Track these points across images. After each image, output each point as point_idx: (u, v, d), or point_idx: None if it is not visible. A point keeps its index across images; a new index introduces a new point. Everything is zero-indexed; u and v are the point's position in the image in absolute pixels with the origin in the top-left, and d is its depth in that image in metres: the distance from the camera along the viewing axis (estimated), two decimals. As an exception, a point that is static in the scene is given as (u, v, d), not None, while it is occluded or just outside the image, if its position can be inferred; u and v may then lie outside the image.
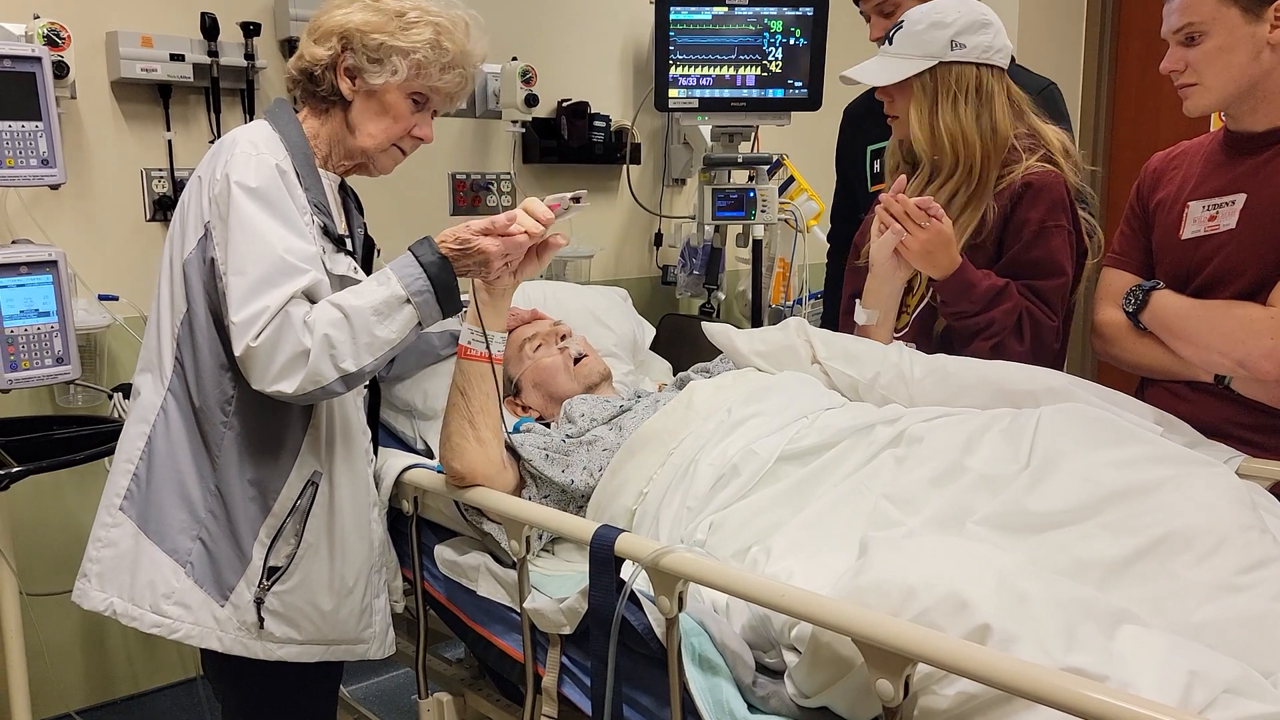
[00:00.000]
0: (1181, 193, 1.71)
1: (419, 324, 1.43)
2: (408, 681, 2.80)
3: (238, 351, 1.36)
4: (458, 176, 2.95)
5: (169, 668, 2.56)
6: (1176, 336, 1.64)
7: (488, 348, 1.51)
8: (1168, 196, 1.73)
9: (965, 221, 1.75)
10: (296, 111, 1.58)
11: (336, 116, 1.56)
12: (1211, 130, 1.78)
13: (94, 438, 1.97)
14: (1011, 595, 0.99)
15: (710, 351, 1.97)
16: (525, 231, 1.46)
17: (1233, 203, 1.60)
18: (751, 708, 1.17)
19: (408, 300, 1.40)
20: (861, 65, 1.83)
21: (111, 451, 1.91)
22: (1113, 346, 1.76)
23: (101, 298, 2.29)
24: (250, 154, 1.43)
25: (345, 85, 1.53)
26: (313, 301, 1.40)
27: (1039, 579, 1.03)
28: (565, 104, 3.05)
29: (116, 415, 2.19)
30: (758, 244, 2.96)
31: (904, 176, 1.74)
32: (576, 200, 1.50)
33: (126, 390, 2.24)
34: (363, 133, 1.55)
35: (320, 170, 1.56)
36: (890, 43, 1.80)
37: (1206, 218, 1.63)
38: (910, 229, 1.65)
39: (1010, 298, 1.71)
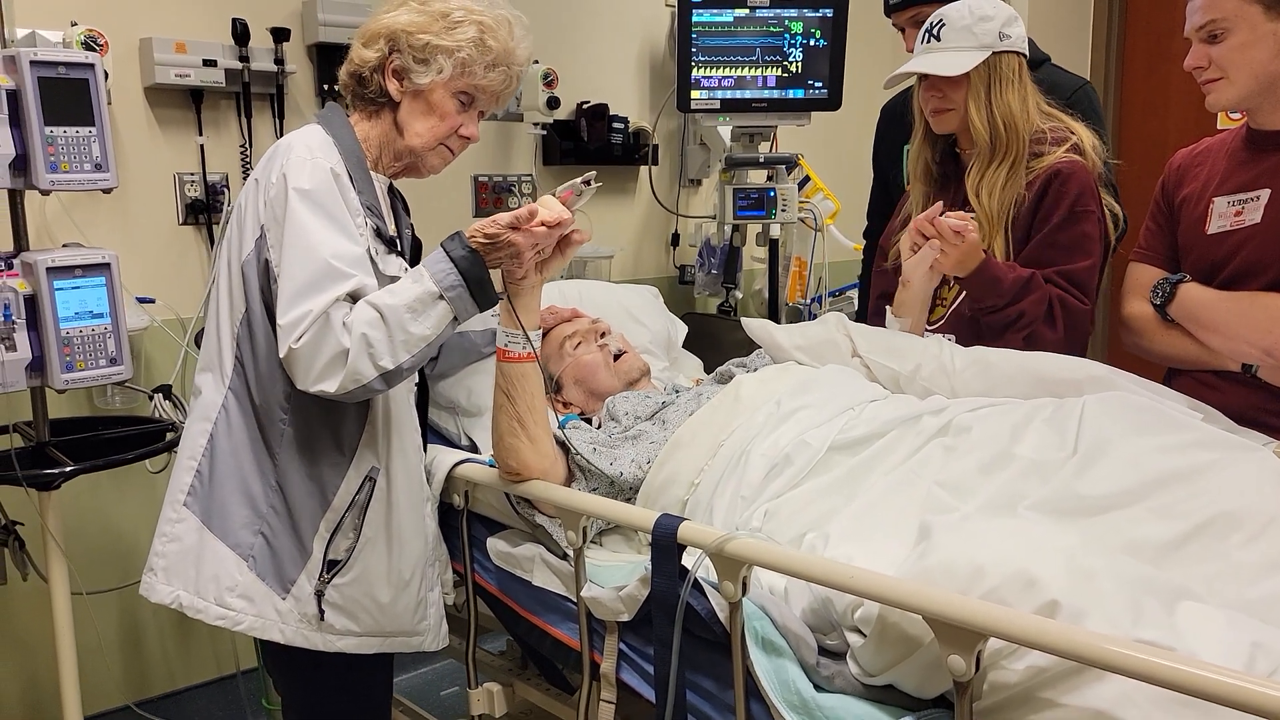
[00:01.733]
0: (1206, 188, 1.75)
1: (454, 319, 1.46)
2: (438, 677, 2.83)
3: (282, 353, 1.40)
4: (480, 178, 2.98)
5: (204, 665, 2.59)
6: (1204, 327, 1.69)
7: (530, 346, 1.54)
8: (1193, 193, 1.78)
9: (1010, 195, 1.83)
10: (348, 115, 1.62)
11: (386, 118, 1.60)
12: (1219, 128, 1.83)
13: (140, 438, 2.00)
14: (1078, 572, 1.03)
15: (730, 349, 2.01)
16: (545, 222, 1.47)
17: (1258, 198, 1.65)
18: (816, 687, 1.21)
19: (440, 296, 1.43)
20: (916, 59, 1.89)
21: (156, 452, 1.96)
22: (1141, 339, 1.80)
23: (139, 300, 2.32)
24: (305, 158, 1.47)
25: (393, 86, 1.56)
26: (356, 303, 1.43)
27: (1104, 557, 1.07)
28: (585, 106, 3.09)
29: (158, 415, 2.22)
30: (775, 243, 3.01)
31: (940, 203, 1.79)
32: (587, 183, 1.52)
33: (166, 391, 2.28)
34: (411, 132, 1.58)
35: (372, 173, 1.60)
36: (938, 39, 1.85)
37: (1232, 213, 1.68)
38: (946, 248, 1.71)
39: (1038, 287, 1.76)
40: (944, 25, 1.84)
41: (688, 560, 1.30)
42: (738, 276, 3.18)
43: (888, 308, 1.89)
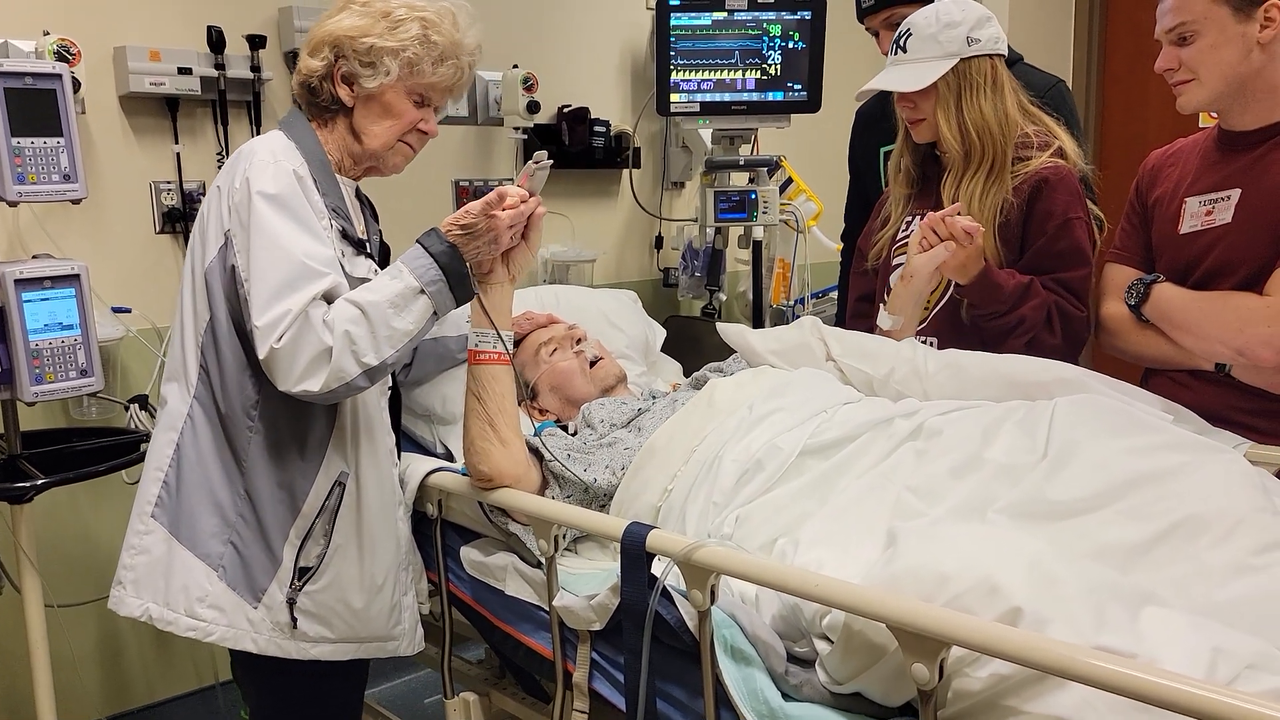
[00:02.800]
0: (1179, 189, 1.75)
1: (435, 313, 1.47)
2: (421, 685, 2.81)
3: (262, 355, 1.39)
4: (461, 183, 2.97)
5: (184, 677, 2.58)
6: (1177, 327, 1.69)
7: (503, 346, 1.54)
8: (1165, 193, 1.78)
9: (992, 205, 1.81)
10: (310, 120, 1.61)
11: (341, 124, 1.59)
12: (1200, 127, 1.83)
13: (114, 449, 1.98)
14: (1042, 579, 1.03)
15: (713, 352, 2.01)
16: (512, 206, 1.48)
17: (1228, 198, 1.65)
18: (785, 696, 1.20)
19: (421, 291, 1.44)
20: (881, 76, 1.87)
21: (132, 463, 1.95)
22: (1116, 339, 1.80)
23: (115, 310, 2.31)
24: (268, 162, 1.46)
25: (344, 92, 1.55)
26: (330, 303, 1.43)
27: (1068, 563, 1.07)
28: (566, 110, 3.08)
29: (133, 426, 2.21)
30: (758, 245, 3.00)
31: (958, 204, 1.77)
32: (539, 163, 1.53)
33: (142, 401, 2.26)
34: (368, 135, 1.57)
35: (338, 177, 1.59)
36: (904, 50, 1.84)
37: (1204, 213, 1.68)
38: (956, 249, 1.69)
39: (1037, 294, 1.76)
40: (910, 35, 1.83)
41: (658, 568, 1.29)
42: (721, 279, 3.18)
43: (882, 305, 1.88)
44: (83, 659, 2.38)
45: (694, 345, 2.65)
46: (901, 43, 1.86)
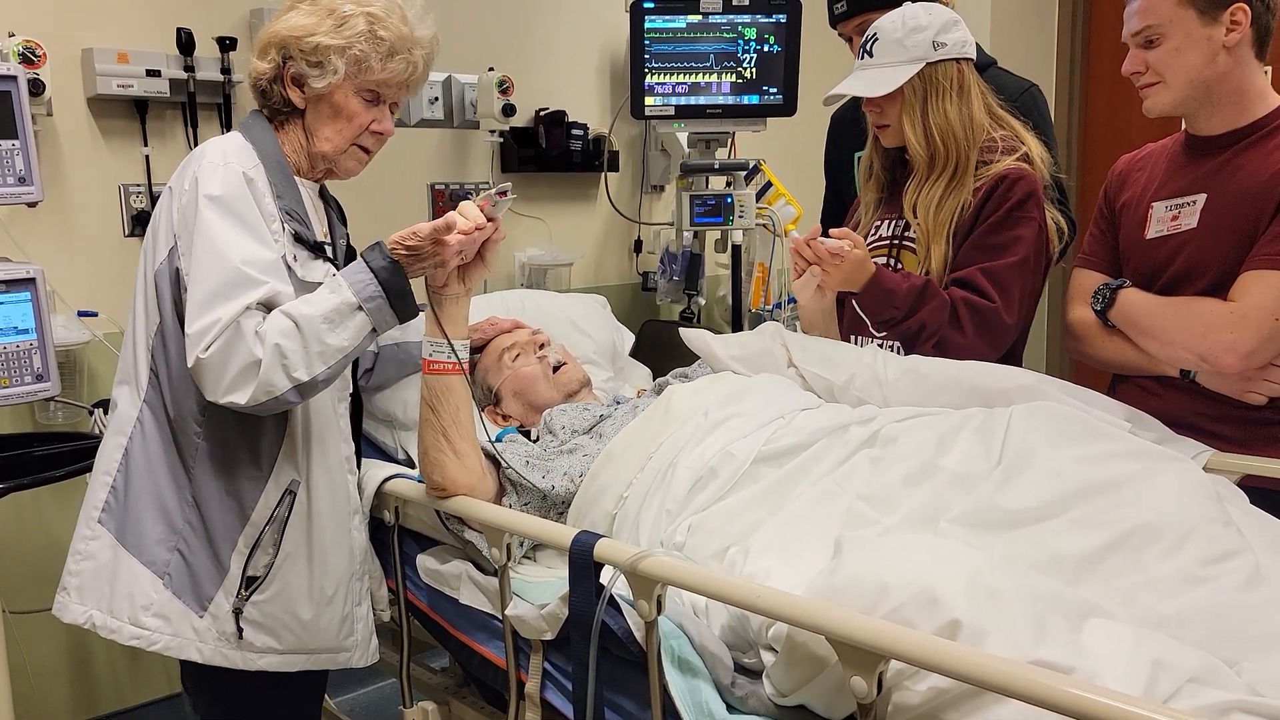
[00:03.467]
0: (1146, 193, 1.74)
1: (373, 330, 1.44)
2: (395, 693, 2.79)
3: (190, 363, 1.36)
4: (437, 186, 2.96)
5: (154, 684, 2.55)
6: (1142, 333, 1.67)
7: (455, 356, 1.52)
8: (1133, 197, 1.77)
9: (951, 207, 1.78)
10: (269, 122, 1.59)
11: (295, 126, 1.57)
12: (1183, 129, 1.81)
13: (74, 454, 1.96)
14: (982, 591, 1.01)
15: (690, 357, 1.99)
16: (464, 231, 1.44)
17: (1194, 203, 1.63)
18: (730, 708, 1.18)
19: (360, 307, 1.40)
20: (848, 80, 1.86)
21: (91, 468, 1.93)
22: (1084, 344, 1.79)
23: (81, 314, 2.29)
24: (218, 163, 1.44)
25: (294, 94, 1.53)
26: (270, 311, 1.40)
27: (1009, 574, 1.05)
28: (543, 113, 3.06)
29: (97, 431, 2.19)
30: (737, 249, 2.99)
31: (818, 225, 1.77)
32: (503, 194, 1.51)
33: (106, 406, 2.24)
34: (320, 138, 1.55)
35: (297, 179, 1.57)
36: (870, 55, 1.82)
37: (1169, 217, 1.66)
38: (828, 269, 1.68)
39: (933, 295, 1.72)
40: (876, 40, 1.81)
41: (610, 577, 1.27)
42: (700, 283, 3.16)
43: (796, 323, 1.88)
44: (51, 666, 2.36)
45: (671, 350, 2.62)
46: (868, 47, 1.85)
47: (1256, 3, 1.54)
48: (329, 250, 1.59)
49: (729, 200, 2.83)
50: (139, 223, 2.43)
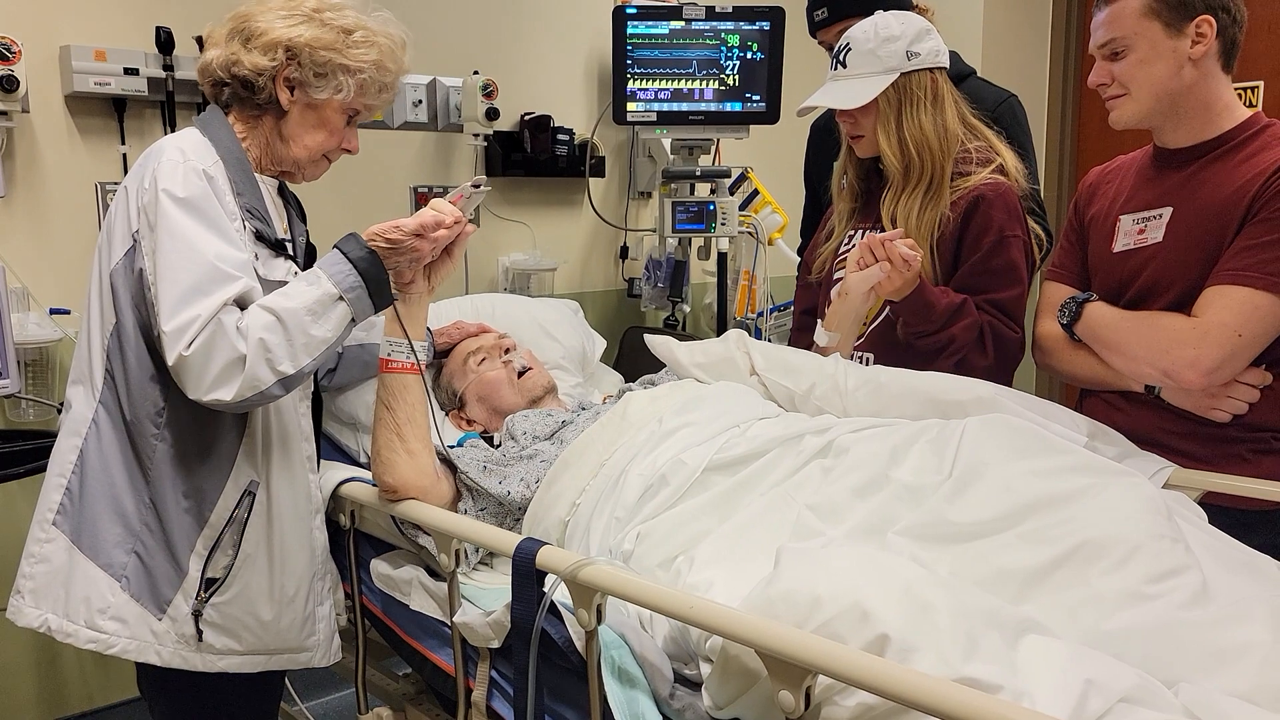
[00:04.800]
0: (1114, 207, 1.72)
1: (352, 320, 1.44)
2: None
3: (170, 361, 1.35)
4: (419, 189, 2.95)
5: (124, 684, 2.54)
6: (1107, 347, 1.65)
7: (414, 356, 1.51)
8: (1101, 210, 1.75)
9: (929, 221, 1.78)
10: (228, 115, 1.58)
11: (268, 123, 1.56)
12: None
13: (36, 452, 1.95)
14: (914, 606, 0.99)
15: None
16: (443, 224, 1.47)
17: (1160, 216, 1.61)
18: (668, 720, 1.17)
19: (340, 298, 1.41)
20: (820, 92, 1.85)
21: (49, 468, 1.92)
22: (1050, 358, 1.77)
23: (53, 311, 2.28)
24: (178, 161, 1.43)
25: (284, 96, 1.53)
26: (243, 308, 1.39)
27: (946, 589, 1.03)
28: (528, 117, 3.05)
29: (65, 429, 2.18)
30: (722, 257, 2.97)
31: (901, 229, 1.75)
32: (476, 187, 1.52)
33: (75, 404, 2.23)
34: (298, 144, 1.56)
35: (258, 176, 1.56)
36: (844, 65, 1.81)
37: (1136, 231, 1.65)
38: (893, 272, 1.66)
39: (969, 314, 1.73)
40: (849, 50, 1.80)
41: (550, 585, 1.26)
42: (685, 290, 3.15)
43: (819, 321, 1.85)
44: (18, 665, 2.35)
45: (653, 357, 2.61)
46: (841, 57, 1.83)
47: (1223, 15, 1.52)
48: (289, 248, 1.58)
49: (711, 207, 2.82)
50: (115, 221, 2.43)
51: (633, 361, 2.55)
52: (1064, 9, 3.69)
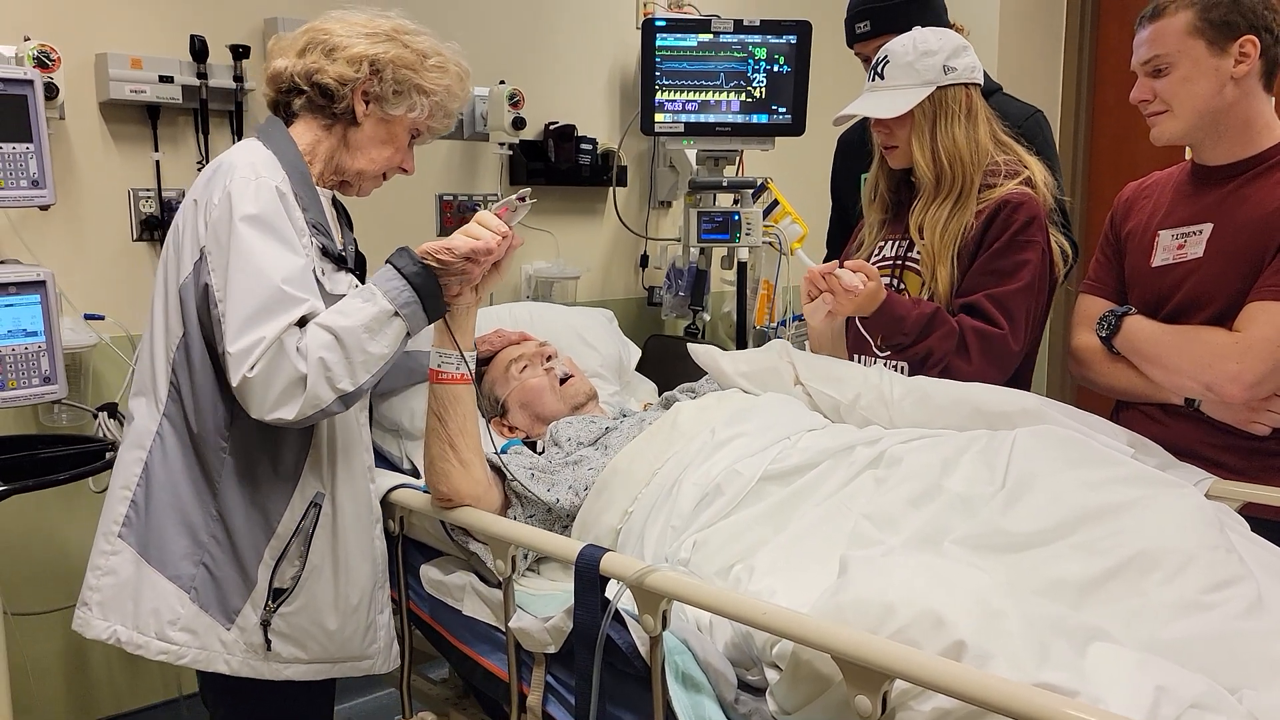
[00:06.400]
0: (1152, 222, 1.75)
1: (407, 334, 1.46)
2: (391, 702, 2.78)
3: (234, 382, 1.36)
4: (445, 198, 2.97)
5: (151, 689, 2.55)
6: (1147, 360, 1.68)
7: (464, 367, 1.53)
8: (1138, 225, 1.78)
9: (955, 229, 1.80)
10: (289, 126, 1.59)
11: (338, 132, 1.58)
12: (1187, 159, 1.83)
13: (78, 457, 1.96)
14: (987, 613, 1.02)
15: (695, 372, 2.00)
16: (491, 250, 1.48)
17: (1200, 232, 1.64)
18: (733, 724, 1.19)
19: (396, 313, 1.42)
20: (858, 101, 1.88)
21: (94, 471, 1.93)
22: (1088, 370, 1.80)
23: (88, 317, 2.29)
24: (250, 178, 1.43)
25: (360, 107, 1.56)
26: (303, 325, 1.40)
27: (1014, 597, 1.06)
28: (552, 126, 3.08)
29: (101, 434, 2.19)
30: (743, 266, 3.00)
31: (836, 261, 1.80)
32: (523, 200, 1.54)
33: (111, 409, 2.24)
34: (364, 156, 1.58)
35: (317, 187, 1.58)
36: (881, 77, 1.84)
37: (1175, 246, 1.68)
38: (840, 300, 1.69)
39: (942, 323, 1.74)
40: (888, 62, 1.83)
41: (614, 592, 1.28)
42: (706, 299, 3.17)
43: (806, 344, 1.89)
44: (48, 669, 2.36)
45: (676, 364, 2.63)
46: (879, 69, 1.87)
47: (1266, 35, 1.55)
48: (348, 261, 1.60)
49: (736, 218, 2.85)
50: (147, 227, 2.44)
51: (654, 369, 2.57)
52: (1078, 27, 3.73)
